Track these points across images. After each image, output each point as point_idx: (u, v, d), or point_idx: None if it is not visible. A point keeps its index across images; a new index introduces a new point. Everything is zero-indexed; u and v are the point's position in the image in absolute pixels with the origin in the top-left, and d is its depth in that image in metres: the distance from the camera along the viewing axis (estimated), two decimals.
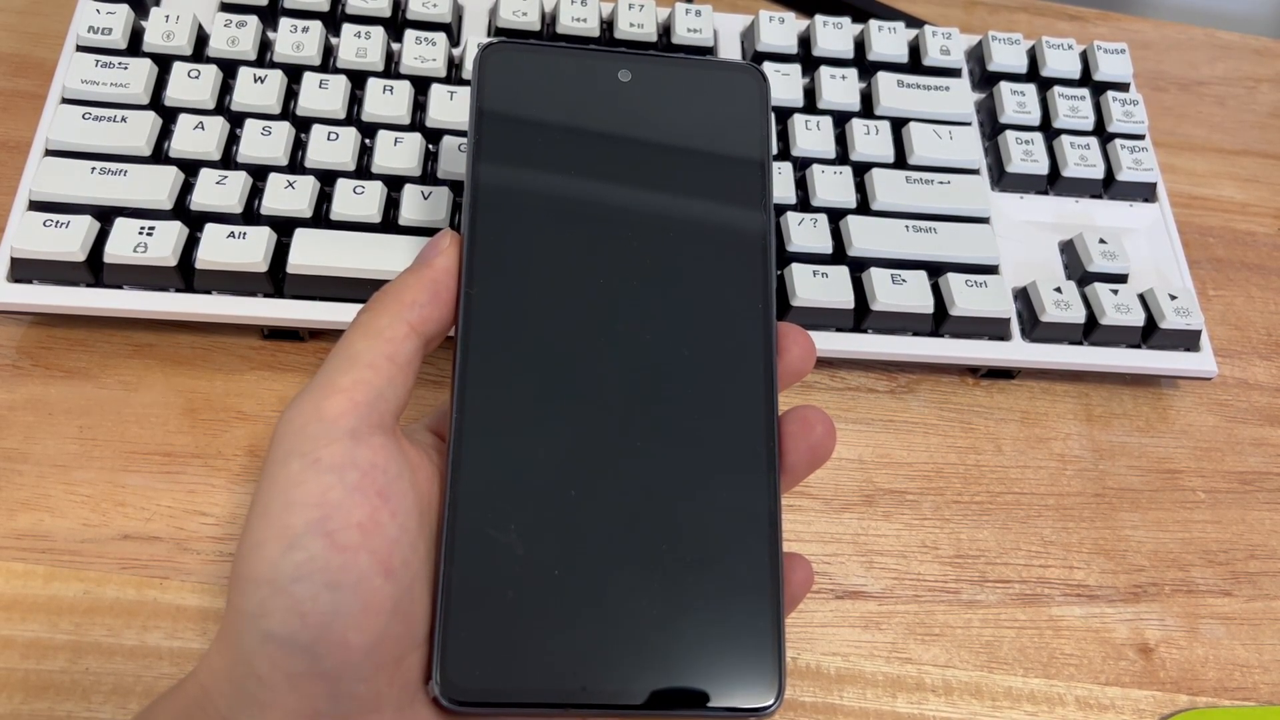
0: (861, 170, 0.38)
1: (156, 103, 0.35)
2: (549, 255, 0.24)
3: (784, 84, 0.39)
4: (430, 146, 0.36)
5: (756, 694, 0.22)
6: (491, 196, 0.25)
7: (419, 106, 0.37)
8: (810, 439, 0.24)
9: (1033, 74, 0.42)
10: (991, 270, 0.37)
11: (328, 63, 0.37)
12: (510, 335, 0.24)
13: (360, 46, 0.37)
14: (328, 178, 0.35)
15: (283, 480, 0.20)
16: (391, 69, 0.38)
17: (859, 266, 0.36)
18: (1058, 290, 0.37)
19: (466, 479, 0.23)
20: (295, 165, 0.35)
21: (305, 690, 0.20)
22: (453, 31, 0.39)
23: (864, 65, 0.41)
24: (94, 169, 0.33)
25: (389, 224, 0.34)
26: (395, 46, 0.38)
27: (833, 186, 0.37)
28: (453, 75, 0.38)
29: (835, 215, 0.37)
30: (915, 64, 0.41)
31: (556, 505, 0.23)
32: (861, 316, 0.36)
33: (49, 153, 0.34)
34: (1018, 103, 0.41)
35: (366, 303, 0.23)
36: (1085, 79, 0.43)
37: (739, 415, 0.24)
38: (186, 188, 0.34)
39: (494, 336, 0.23)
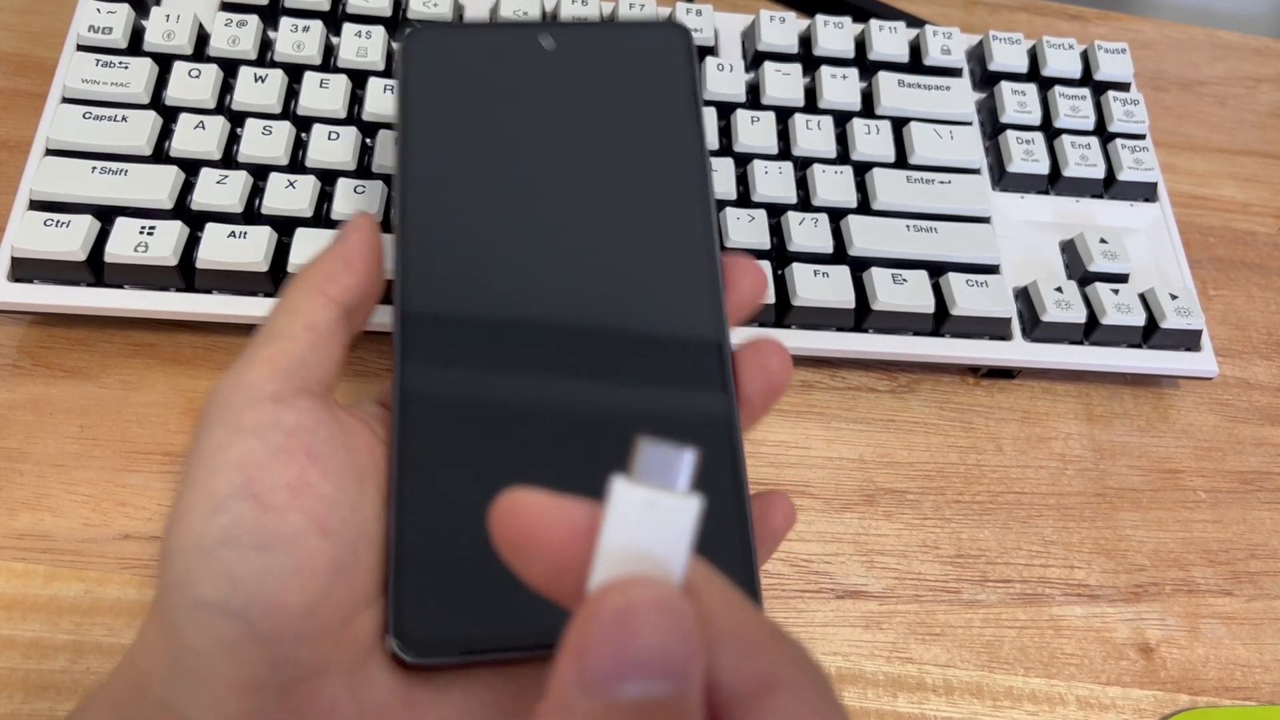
0: (862, 170, 0.38)
1: (157, 102, 0.35)
2: (483, 208, 0.24)
3: (785, 83, 0.39)
4: None
5: None
6: (424, 162, 0.25)
7: None
8: (765, 369, 0.24)
9: (1033, 74, 0.42)
10: (992, 270, 0.37)
11: (328, 62, 0.37)
12: (449, 289, 0.24)
13: (361, 46, 0.37)
14: (328, 177, 0.35)
15: (207, 448, 0.20)
16: (392, 69, 0.38)
17: (860, 266, 0.36)
18: (1058, 290, 0.37)
19: (414, 429, 0.22)
20: (296, 165, 0.35)
21: (243, 658, 0.19)
22: None
23: (865, 65, 0.41)
24: (94, 168, 0.33)
25: (389, 223, 0.34)
26: (396, 46, 0.38)
27: (833, 186, 0.37)
28: None
29: (836, 215, 0.37)
30: (916, 64, 0.41)
31: (509, 451, 0.22)
32: (862, 316, 0.36)
33: (49, 152, 0.34)
34: (1018, 102, 0.41)
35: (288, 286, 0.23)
36: (1086, 79, 0.43)
37: (690, 347, 0.24)
38: (187, 187, 0.34)
39: (432, 291, 0.24)
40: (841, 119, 0.39)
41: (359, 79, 0.37)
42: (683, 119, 0.26)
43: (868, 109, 0.40)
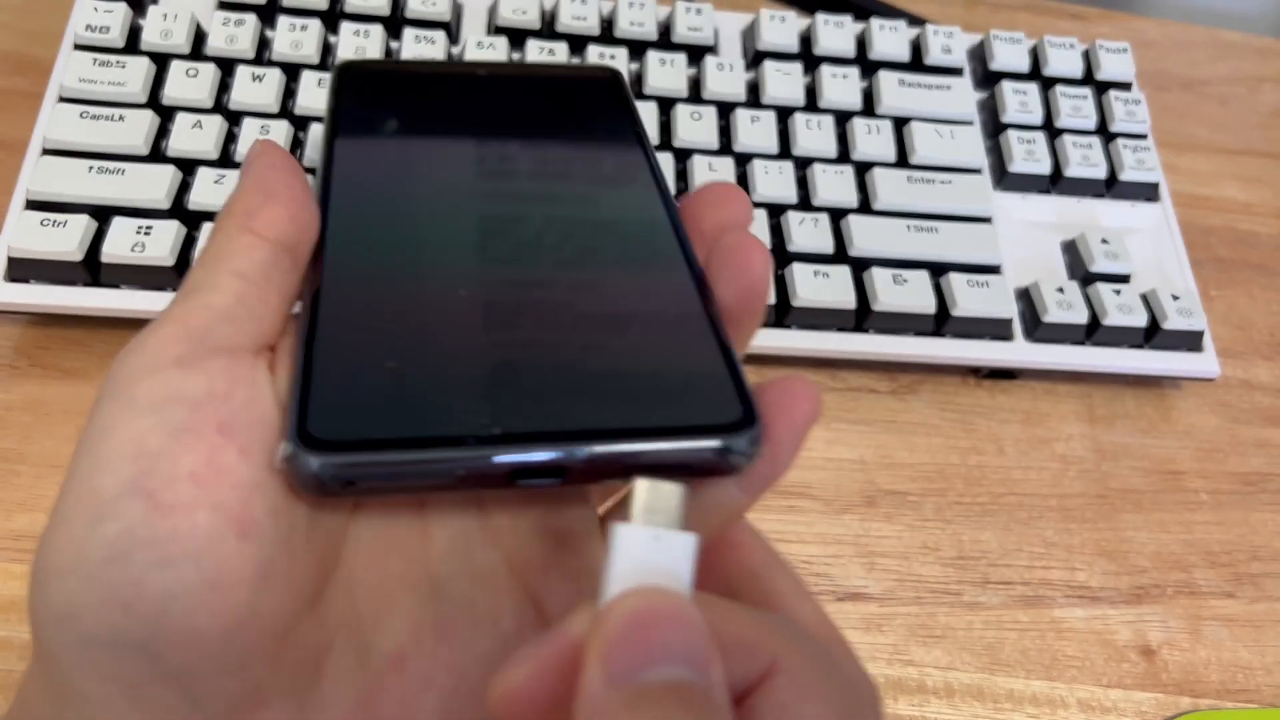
0: (863, 170, 0.38)
1: (154, 101, 0.35)
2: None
3: (785, 83, 0.39)
4: None
5: (725, 426, 0.17)
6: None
7: None
8: (740, 269, 0.20)
9: (1035, 73, 0.42)
10: (993, 270, 0.37)
11: (326, 61, 0.37)
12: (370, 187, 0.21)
13: (359, 45, 0.37)
14: None
15: (94, 430, 0.16)
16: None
17: (861, 266, 0.36)
18: (1060, 290, 0.37)
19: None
20: None
21: (152, 703, 0.15)
22: (452, 30, 0.39)
23: (865, 64, 0.41)
24: (91, 168, 0.33)
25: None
26: (394, 45, 0.38)
27: (834, 186, 0.37)
28: None
29: (837, 215, 0.37)
30: (917, 63, 0.41)
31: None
32: (863, 317, 0.36)
33: (46, 151, 0.34)
34: (1020, 102, 0.41)
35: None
36: (1088, 78, 0.42)
37: (629, 202, 0.22)
38: (184, 187, 0.34)
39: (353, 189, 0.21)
40: (842, 118, 0.39)
41: None
42: (622, 139, 0.24)
43: (868, 108, 0.40)
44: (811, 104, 0.39)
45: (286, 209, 0.19)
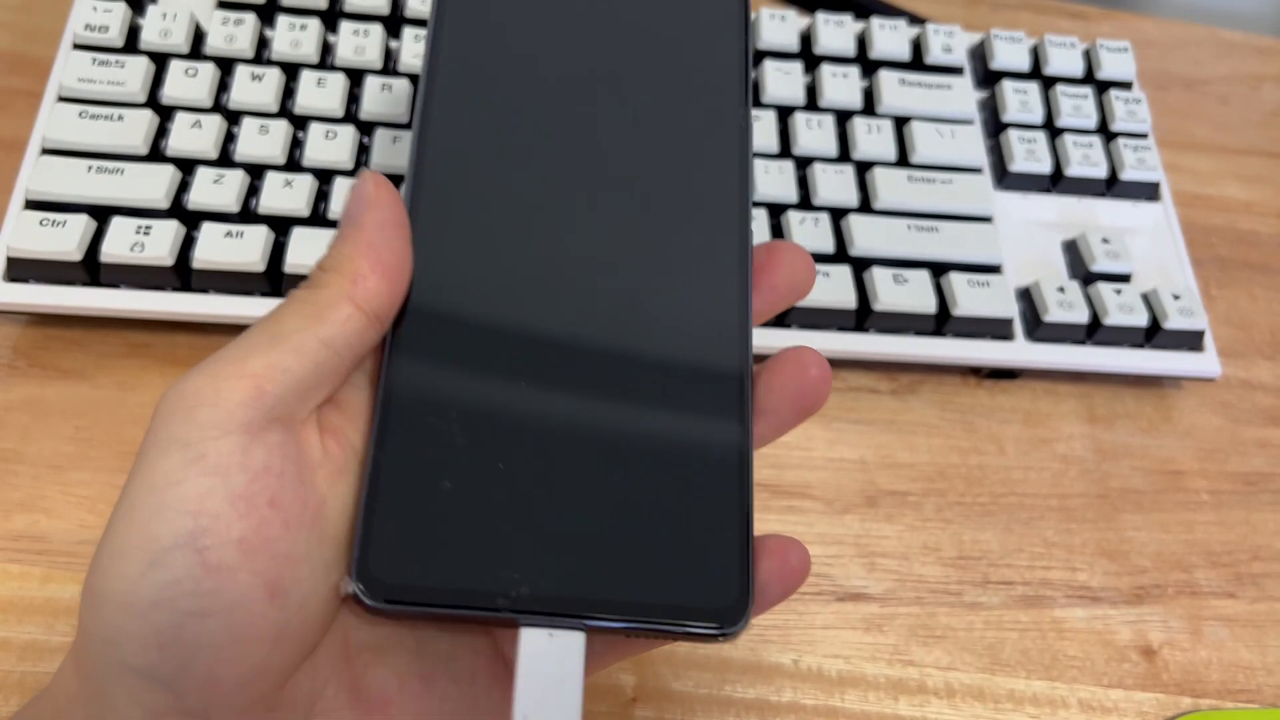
0: (863, 169, 0.38)
1: (153, 101, 0.35)
2: (508, 146, 0.23)
3: (786, 81, 0.39)
4: None
5: (721, 611, 0.20)
6: (449, 106, 0.23)
7: None
8: (797, 379, 0.22)
9: (1035, 72, 0.42)
10: (994, 270, 0.37)
11: (325, 60, 0.37)
12: (457, 224, 0.22)
13: (359, 44, 0.37)
14: (326, 176, 0.34)
15: (158, 475, 0.17)
16: (390, 66, 0.37)
17: (861, 266, 0.36)
18: (1061, 290, 0.37)
19: (405, 360, 0.21)
20: (293, 164, 0.35)
21: None
22: None
23: (866, 63, 0.41)
24: (90, 167, 0.33)
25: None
26: (393, 44, 0.38)
27: (834, 185, 0.37)
28: None
29: (837, 214, 0.37)
30: (917, 62, 0.41)
31: (503, 391, 0.21)
32: (863, 316, 0.35)
33: (45, 151, 0.34)
34: (1020, 101, 0.40)
35: (308, 277, 0.20)
36: (1088, 77, 0.42)
37: (706, 322, 0.22)
38: (183, 186, 0.34)
39: (440, 219, 0.22)
40: (842, 117, 0.39)
41: (356, 77, 0.36)
42: (729, 88, 0.24)
43: (869, 107, 0.40)
44: (812, 103, 0.39)
45: (390, 285, 0.20)
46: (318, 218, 0.34)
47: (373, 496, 0.20)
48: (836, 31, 0.41)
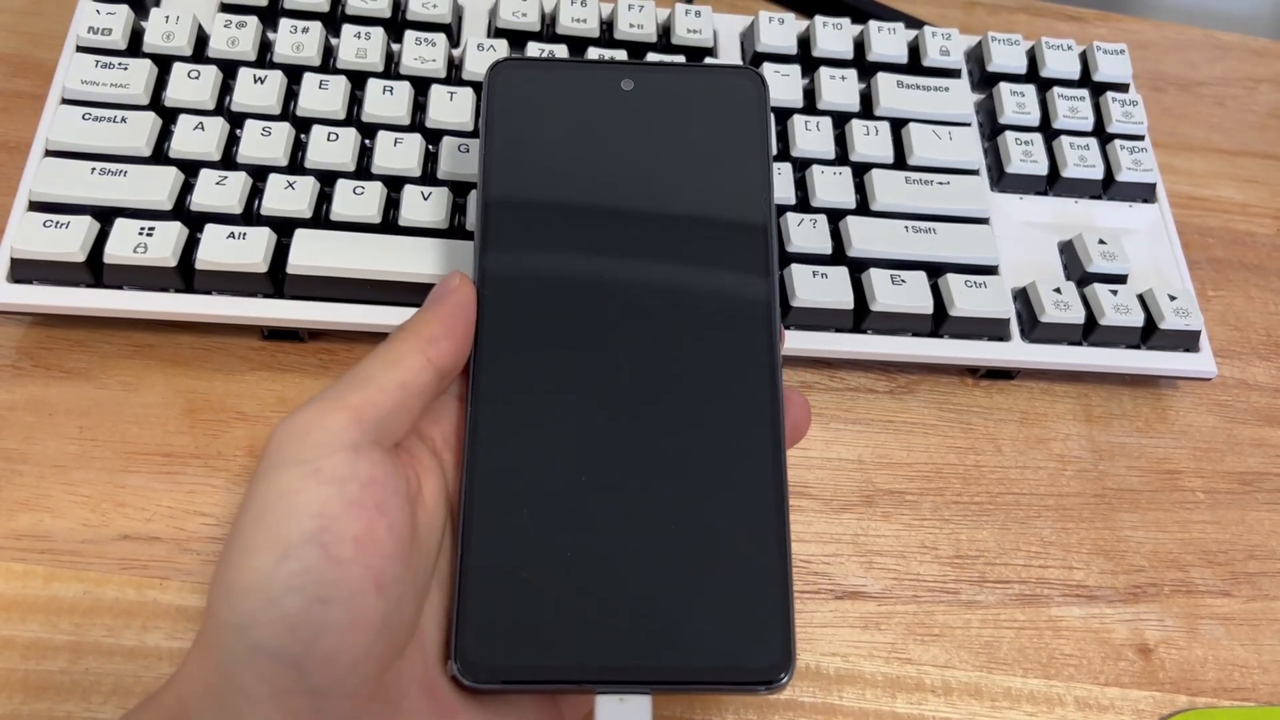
0: (861, 171, 0.38)
1: (156, 103, 0.35)
2: (559, 264, 0.26)
3: (784, 85, 0.39)
4: (430, 147, 0.36)
5: (768, 669, 0.23)
6: (503, 213, 0.26)
7: (419, 107, 0.37)
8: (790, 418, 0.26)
9: (1032, 75, 0.42)
10: (991, 271, 0.37)
11: (328, 63, 0.37)
12: (522, 333, 0.25)
13: (360, 47, 0.37)
14: (328, 178, 0.35)
15: (281, 486, 0.20)
16: (391, 70, 0.38)
17: (858, 267, 0.36)
18: (1057, 291, 0.37)
19: (483, 463, 0.24)
20: (295, 166, 0.35)
21: (290, 706, 0.20)
22: (452, 32, 0.39)
23: (864, 66, 0.41)
24: (94, 169, 0.33)
25: (389, 225, 0.34)
26: (395, 47, 0.38)
27: (832, 187, 0.37)
28: (452, 76, 0.38)
29: (835, 216, 0.37)
30: (915, 65, 0.41)
31: (569, 490, 0.24)
32: (861, 317, 0.36)
33: (49, 153, 0.34)
34: (1017, 103, 0.41)
35: (388, 336, 0.24)
36: (1085, 80, 0.43)
37: (743, 405, 0.25)
38: (186, 188, 0.34)
39: (507, 334, 0.25)
40: (840, 120, 0.39)
41: (358, 80, 0.37)
42: (753, 174, 0.28)
43: (866, 110, 0.40)
44: (810, 106, 0.40)
45: (456, 350, 0.24)
46: (320, 219, 0.34)
47: (464, 588, 0.23)
48: (834, 35, 0.41)
